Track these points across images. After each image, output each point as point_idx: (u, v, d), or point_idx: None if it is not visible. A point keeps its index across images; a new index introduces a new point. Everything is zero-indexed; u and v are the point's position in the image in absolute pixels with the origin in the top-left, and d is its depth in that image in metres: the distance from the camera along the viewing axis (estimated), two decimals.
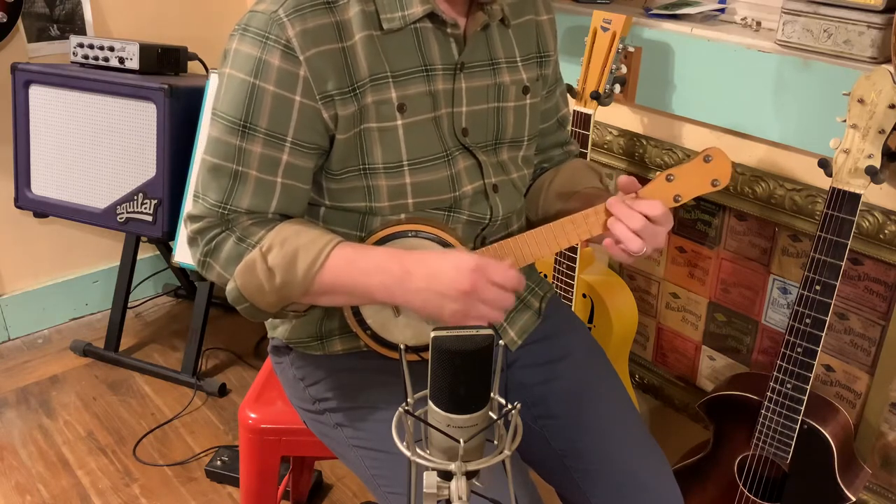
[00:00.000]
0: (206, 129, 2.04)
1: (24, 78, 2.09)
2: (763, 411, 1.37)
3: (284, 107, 0.98)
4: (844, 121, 1.20)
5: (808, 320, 1.28)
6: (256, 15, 0.98)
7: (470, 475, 0.66)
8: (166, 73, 2.15)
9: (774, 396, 1.34)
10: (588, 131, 1.58)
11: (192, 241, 1.05)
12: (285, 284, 0.99)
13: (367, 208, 1.06)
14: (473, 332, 0.63)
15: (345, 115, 1.00)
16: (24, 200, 2.18)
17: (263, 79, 0.97)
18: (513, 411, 0.66)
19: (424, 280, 0.97)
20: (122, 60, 2.07)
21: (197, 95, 2.04)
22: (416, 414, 0.66)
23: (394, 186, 1.04)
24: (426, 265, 0.97)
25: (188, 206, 1.05)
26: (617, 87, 1.56)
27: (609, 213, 1.04)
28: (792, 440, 1.34)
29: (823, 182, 1.40)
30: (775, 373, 1.33)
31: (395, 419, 0.67)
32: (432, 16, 1.03)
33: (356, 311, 1.08)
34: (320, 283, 0.99)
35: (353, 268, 0.99)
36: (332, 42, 0.98)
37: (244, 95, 0.98)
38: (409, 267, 0.98)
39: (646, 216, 1.02)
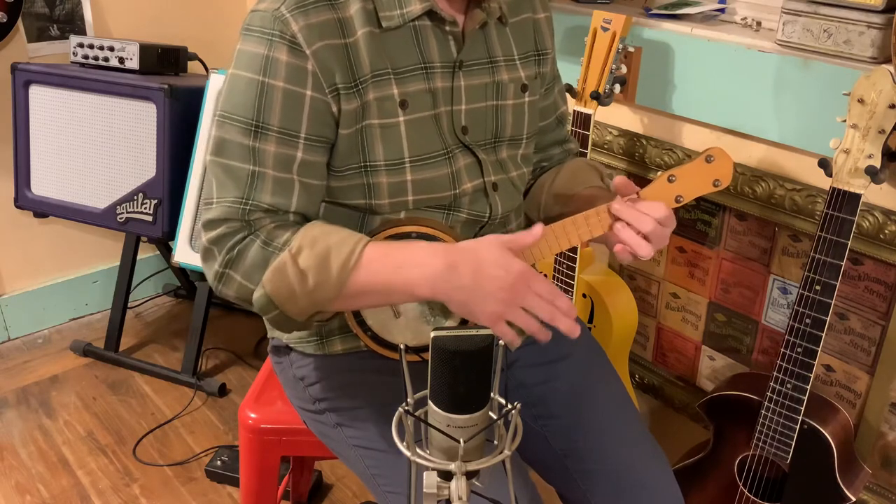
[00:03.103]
0: (206, 130, 2.05)
1: (24, 78, 2.09)
2: (763, 411, 1.37)
3: (295, 102, 0.98)
4: (844, 121, 1.20)
5: (808, 320, 1.28)
6: (258, 14, 0.98)
7: (470, 475, 0.66)
8: (166, 73, 2.15)
9: (774, 396, 1.34)
10: (588, 131, 1.58)
11: (208, 253, 1.00)
12: (319, 286, 0.95)
13: (366, 206, 1.05)
14: (473, 332, 0.63)
15: (348, 109, 0.99)
16: (24, 200, 2.18)
17: (272, 76, 0.96)
18: (513, 411, 0.66)
19: (470, 276, 0.93)
20: (122, 60, 2.07)
21: (197, 95, 2.04)
22: (416, 414, 0.66)
23: (394, 184, 1.04)
24: (473, 260, 0.94)
25: (202, 215, 1.01)
26: (617, 87, 1.56)
27: (612, 215, 1.04)
28: (792, 440, 1.34)
29: (823, 182, 1.40)
30: (775, 373, 1.33)
31: (395, 419, 0.67)
32: (431, 14, 1.03)
33: (356, 312, 1.08)
34: (355, 281, 0.95)
35: (389, 262, 0.96)
36: (335, 37, 0.98)
37: (254, 95, 0.97)
38: (453, 259, 0.94)
39: (653, 218, 1.01)
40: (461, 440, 0.64)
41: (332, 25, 0.98)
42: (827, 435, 1.33)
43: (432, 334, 0.63)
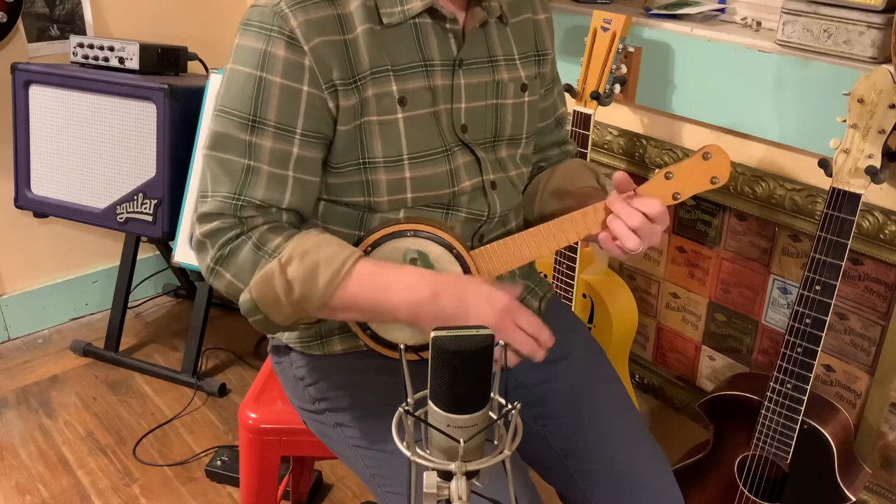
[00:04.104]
0: (205, 130, 2.04)
1: (24, 78, 2.09)
2: (763, 411, 1.37)
3: (292, 98, 0.98)
4: (844, 121, 1.20)
5: (808, 320, 1.27)
6: (258, 9, 0.98)
7: (470, 475, 0.66)
8: (166, 73, 2.15)
9: (774, 396, 1.34)
10: (588, 131, 1.58)
11: (201, 245, 1.01)
12: (304, 298, 0.96)
13: (365, 203, 1.05)
14: (473, 332, 0.63)
15: (346, 105, 1.00)
16: (24, 200, 2.18)
17: (270, 71, 0.97)
18: (513, 411, 0.66)
19: (454, 306, 0.95)
20: (122, 60, 2.07)
21: (197, 95, 2.04)
22: (416, 414, 0.66)
23: (393, 181, 1.04)
24: (457, 291, 0.96)
25: (198, 208, 1.02)
26: (617, 87, 1.56)
27: (608, 212, 1.04)
28: (792, 440, 1.34)
29: (823, 182, 1.40)
30: (775, 373, 1.33)
31: (395, 419, 0.67)
32: (432, 11, 1.03)
33: None
34: (341, 298, 0.97)
35: (376, 283, 0.97)
36: (334, 34, 0.98)
37: (251, 89, 0.97)
38: (438, 288, 0.96)
39: (644, 214, 1.02)
40: (461, 440, 0.64)
41: (332, 22, 0.98)
42: (827, 435, 1.33)
43: (432, 334, 0.63)
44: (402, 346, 0.67)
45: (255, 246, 0.98)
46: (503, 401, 0.69)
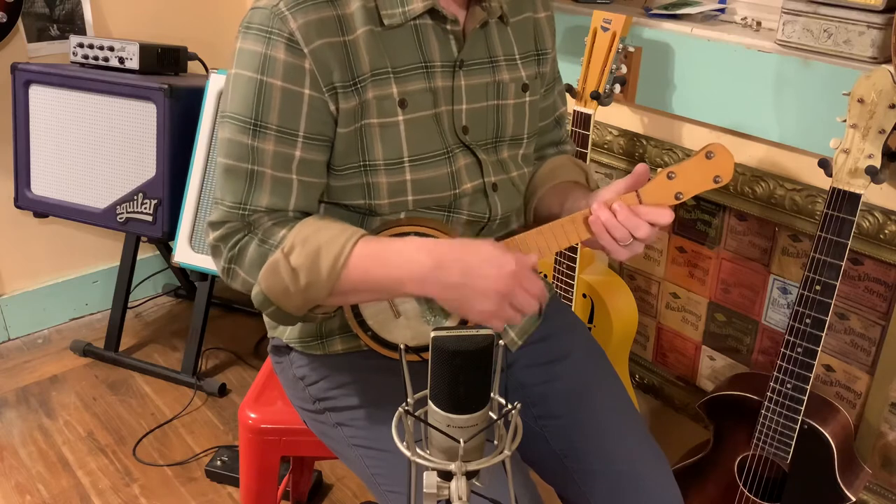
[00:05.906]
0: (206, 130, 2.05)
1: (24, 78, 2.09)
2: (763, 411, 1.37)
3: (294, 101, 0.98)
4: (844, 121, 1.20)
5: (808, 320, 1.28)
6: (258, 11, 0.98)
7: (470, 475, 0.66)
8: (166, 73, 2.15)
9: (774, 396, 1.34)
10: (588, 131, 1.58)
11: (215, 249, 1.02)
12: (310, 284, 0.96)
13: (366, 206, 1.05)
14: (473, 332, 0.63)
15: (346, 108, 1.00)
16: (24, 200, 2.18)
17: (270, 74, 0.97)
18: (513, 411, 0.66)
19: (460, 275, 0.94)
20: (122, 60, 2.07)
21: (197, 95, 2.04)
22: (416, 414, 0.66)
23: (394, 183, 1.04)
24: (461, 260, 0.95)
25: (209, 213, 1.04)
26: (617, 87, 1.56)
27: (612, 210, 1.03)
28: (792, 440, 1.34)
29: (823, 182, 1.40)
30: (775, 373, 1.33)
31: (395, 419, 0.67)
32: (432, 12, 1.03)
33: (356, 312, 1.08)
34: (347, 280, 0.97)
35: (379, 261, 0.97)
36: (334, 35, 0.98)
37: (252, 93, 0.98)
38: (441, 258, 0.95)
39: (651, 223, 1.00)
40: (461, 440, 0.64)
41: (332, 23, 0.98)
42: (827, 435, 1.33)
43: (432, 334, 0.63)
44: (402, 347, 0.67)
45: (261, 241, 0.99)
46: (503, 401, 0.69)
